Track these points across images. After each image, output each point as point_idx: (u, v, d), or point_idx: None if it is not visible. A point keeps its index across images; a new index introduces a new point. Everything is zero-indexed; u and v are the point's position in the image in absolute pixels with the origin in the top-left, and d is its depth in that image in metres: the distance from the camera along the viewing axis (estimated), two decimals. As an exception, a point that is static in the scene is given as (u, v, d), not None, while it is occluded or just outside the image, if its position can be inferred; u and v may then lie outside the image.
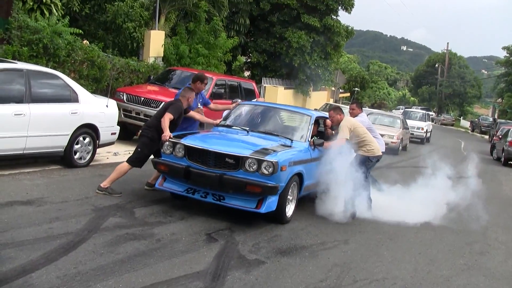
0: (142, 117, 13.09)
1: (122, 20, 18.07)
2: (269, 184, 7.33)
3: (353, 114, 10.18)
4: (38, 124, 8.85)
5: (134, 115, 13.30)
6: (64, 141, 9.41)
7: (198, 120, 9.24)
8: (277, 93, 27.04)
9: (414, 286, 6.31)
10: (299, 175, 8.23)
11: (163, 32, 19.56)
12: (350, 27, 31.77)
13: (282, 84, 29.70)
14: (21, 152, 8.76)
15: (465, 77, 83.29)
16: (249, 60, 31.36)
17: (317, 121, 9.65)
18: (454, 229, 9.46)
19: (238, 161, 7.46)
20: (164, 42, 19.16)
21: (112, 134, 10.61)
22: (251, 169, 7.37)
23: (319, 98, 34.49)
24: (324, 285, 5.86)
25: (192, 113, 8.97)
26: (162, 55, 19.17)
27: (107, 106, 10.41)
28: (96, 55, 14.24)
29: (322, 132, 9.99)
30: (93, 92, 12.78)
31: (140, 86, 15.04)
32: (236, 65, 30.64)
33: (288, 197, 7.97)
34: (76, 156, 9.75)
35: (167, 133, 7.97)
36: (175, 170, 7.72)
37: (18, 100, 8.59)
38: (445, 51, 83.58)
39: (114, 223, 6.86)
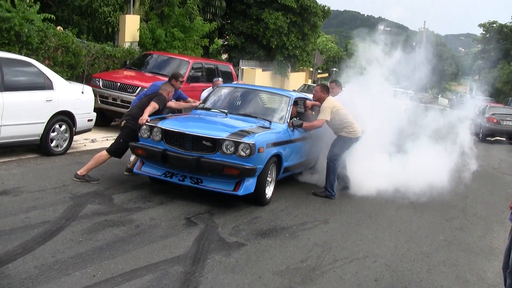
0: (119, 102, 12.98)
1: (99, 5, 17.78)
2: (247, 166, 7.30)
3: (332, 93, 10.14)
4: (13, 113, 8.70)
5: (111, 101, 13.17)
6: (40, 129, 9.28)
7: (174, 108, 9.18)
8: (255, 75, 26.95)
9: (394, 263, 6.35)
10: (278, 157, 8.23)
11: (138, 16, 19.32)
12: (326, 7, 31.72)
13: (260, 66, 29.61)
14: (-4, 141, 8.63)
15: (443, 55, 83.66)
16: (226, 42, 31.17)
17: (296, 102, 9.64)
18: (434, 205, 9.54)
19: (215, 144, 7.43)
20: (140, 26, 18.94)
21: (88, 120, 10.49)
22: (228, 152, 7.35)
23: (297, 79, 34.45)
24: (304, 266, 5.87)
25: (169, 103, 8.93)
26: (138, 39, 18.96)
27: (82, 92, 10.27)
28: (70, 41, 14.01)
29: (302, 113, 9.99)
30: (69, 78, 12.63)
31: (116, 71, 14.89)
32: (214, 48, 30.45)
33: (267, 178, 7.96)
34: (53, 144, 9.63)
35: (144, 117, 7.93)
36: (153, 154, 7.66)
37: (-9, 88, 8.45)
38: (422, 29, 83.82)
39: (92, 210, 6.79)
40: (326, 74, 52.85)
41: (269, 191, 8.16)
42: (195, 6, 20.96)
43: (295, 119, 8.92)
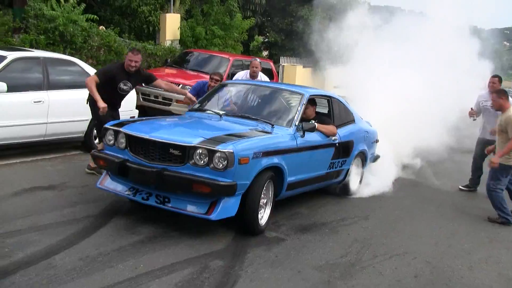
0: (161, 100, 13.15)
1: (137, 4, 18.05)
2: (222, 182, 5.61)
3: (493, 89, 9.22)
4: (57, 111, 8.94)
5: (153, 98, 13.35)
6: (83, 127, 9.50)
7: (164, 89, 9.07)
8: (295, 72, 26.86)
9: (435, 259, 6.29)
10: (278, 170, 6.52)
11: (179, 15, 19.51)
12: (367, 2, 31.38)
13: (301, 63, 29.49)
14: (42, 138, 8.86)
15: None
16: (266, 39, 31.17)
17: (312, 101, 7.88)
18: (476, 202, 9.41)
19: (185, 152, 5.80)
20: (180, 24, 19.13)
21: (131, 117, 10.64)
22: (201, 162, 5.70)
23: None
24: (344, 261, 5.87)
25: (159, 82, 8.41)
26: (179, 38, 19.15)
27: (125, 90, 10.44)
28: (112, 40, 14.29)
29: (325, 114, 8.40)
30: (111, 77, 12.84)
31: (158, 69, 15.07)
32: (254, 45, 30.48)
33: (261, 199, 6.29)
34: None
35: (100, 104, 7.31)
36: (111, 165, 6.18)
37: (37, 87, 8.69)
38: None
39: (133, 205, 6.92)
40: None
41: (264, 215, 6.48)
42: (235, 3, 21.05)
43: (312, 121, 7.27)
